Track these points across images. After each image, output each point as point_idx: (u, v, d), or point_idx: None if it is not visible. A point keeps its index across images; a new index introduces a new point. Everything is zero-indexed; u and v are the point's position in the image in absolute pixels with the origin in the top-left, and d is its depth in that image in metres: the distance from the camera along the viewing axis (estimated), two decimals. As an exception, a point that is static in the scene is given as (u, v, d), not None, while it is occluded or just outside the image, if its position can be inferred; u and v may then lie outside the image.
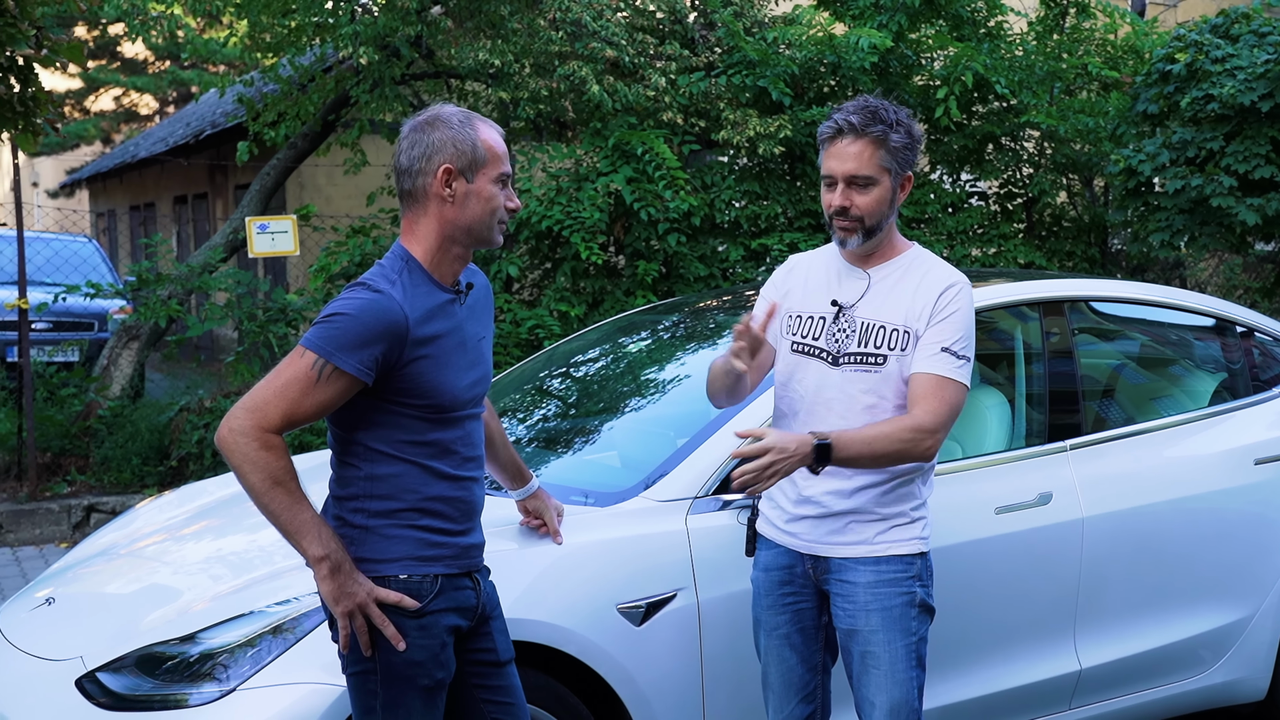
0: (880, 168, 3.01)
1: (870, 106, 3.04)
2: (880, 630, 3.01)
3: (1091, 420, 4.15)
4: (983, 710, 3.75)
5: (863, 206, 3.02)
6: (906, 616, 3.03)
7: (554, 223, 8.24)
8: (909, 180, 3.10)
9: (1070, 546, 3.84)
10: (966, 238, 9.66)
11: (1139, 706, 4.11)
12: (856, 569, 3.03)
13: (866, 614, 3.02)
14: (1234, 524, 4.20)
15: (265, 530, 3.63)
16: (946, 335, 2.99)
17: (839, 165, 3.03)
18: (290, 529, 2.51)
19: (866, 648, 3.03)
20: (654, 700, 3.21)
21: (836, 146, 3.05)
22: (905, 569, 3.04)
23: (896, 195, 3.06)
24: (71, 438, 8.13)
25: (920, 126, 3.26)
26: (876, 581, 3.02)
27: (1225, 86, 8.04)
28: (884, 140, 3.00)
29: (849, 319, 3.06)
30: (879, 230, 3.06)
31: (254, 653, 2.93)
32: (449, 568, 2.63)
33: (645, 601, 3.22)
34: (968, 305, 3.03)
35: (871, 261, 3.11)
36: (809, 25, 9.44)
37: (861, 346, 3.03)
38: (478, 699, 2.73)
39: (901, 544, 3.04)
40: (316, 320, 2.56)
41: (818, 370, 3.08)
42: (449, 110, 2.69)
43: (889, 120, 3.01)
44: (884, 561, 3.03)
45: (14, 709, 3.10)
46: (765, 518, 3.18)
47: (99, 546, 4.09)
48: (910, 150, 3.06)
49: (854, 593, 3.02)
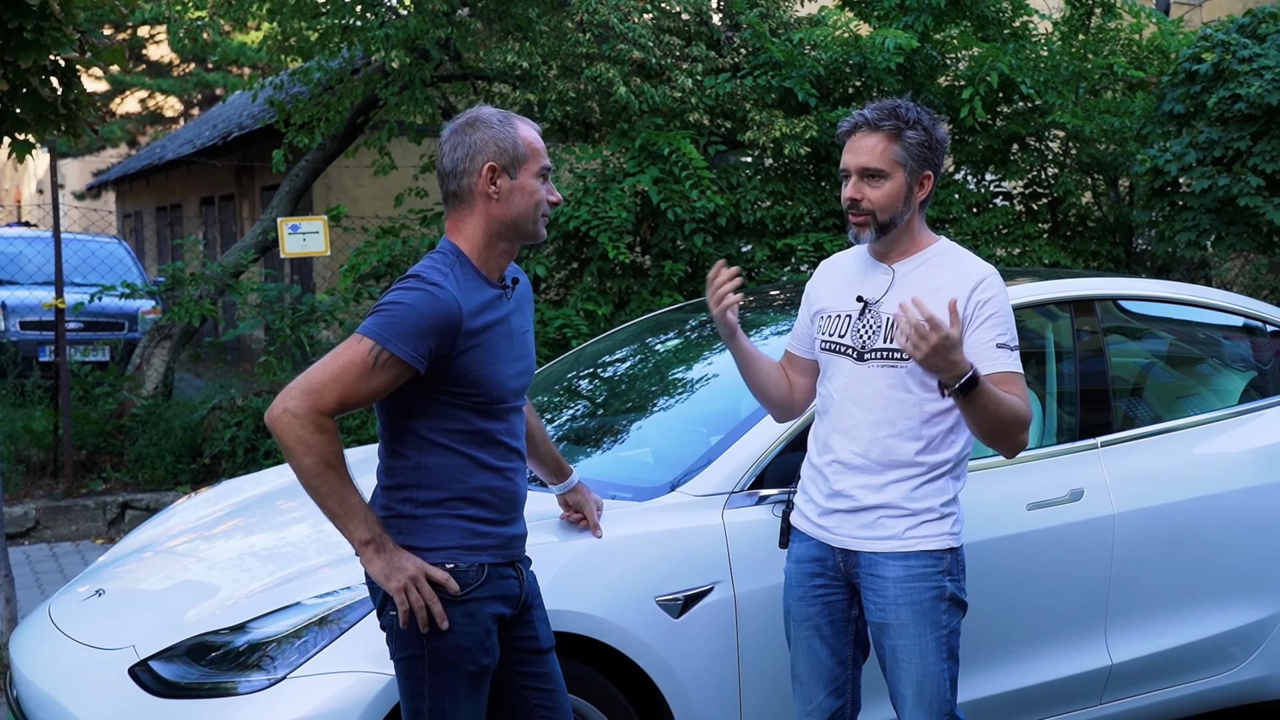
0: (893, 162, 3.05)
1: (889, 104, 3.10)
2: (910, 624, 3.06)
3: (1121, 418, 4.19)
4: (1015, 704, 3.79)
5: (874, 200, 3.06)
6: (936, 610, 3.07)
7: (581, 223, 8.31)
8: (928, 179, 3.12)
9: (1102, 542, 3.87)
10: (991, 238, 9.69)
11: (1170, 702, 4.14)
12: (886, 564, 3.07)
13: (896, 608, 3.06)
14: (1264, 521, 4.23)
15: (301, 525, 3.73)
16: (998, 331, 3.02)
17: (853, 159, 3.10)
18: (338, 512, 2.58)
19: (897, 641, 3.07)
20: (692, 691, 3.26)
21: (852, 140, 3.12)
22: (935, 564, 3.07)
23: (914, 192, 3.09)
24: (106, 436, 8.23)
25: (945, 128, 3.28)
26: (906, 576, 3.06)
27: (1252, 86, 8.05)
28: (898, 135, 3.04)
29: (874, 314, 3.11)
30: (892, 226, 3.09)
31: (300, 643, 3.00)
32: (494, 557, 2.70)
33: (683, 594, 3.28)
34: (1003, 294, 3.07)
35: (894, 257, 3.15)
36: (834, 26, 9.50)
37: (886, 342, 3.07)
38: (521, 685, 2.79)
39: (931, 539, 3.07)
40: (374, 309, 2.62)
41: (846, 367, 3.13)
42: (488, 111, 2.76)
43: (906, 118, 3.06)
44: (913, 557, 3.07)
45: (70, 696, 3.18)
46: (799, 510, 3.23)
47: (139, 542, 4.17)
48: (929, 148, 3.09)
49: (884, 587, 3.07)
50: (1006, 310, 3.06)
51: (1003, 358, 3.01)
